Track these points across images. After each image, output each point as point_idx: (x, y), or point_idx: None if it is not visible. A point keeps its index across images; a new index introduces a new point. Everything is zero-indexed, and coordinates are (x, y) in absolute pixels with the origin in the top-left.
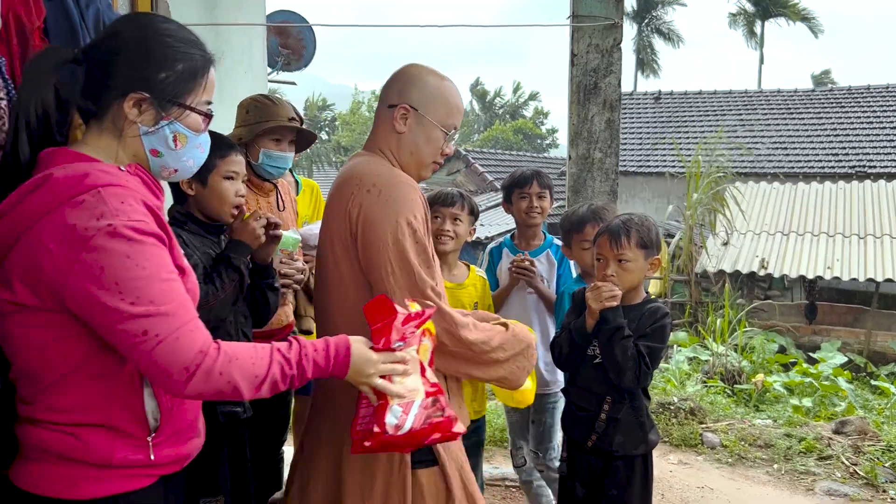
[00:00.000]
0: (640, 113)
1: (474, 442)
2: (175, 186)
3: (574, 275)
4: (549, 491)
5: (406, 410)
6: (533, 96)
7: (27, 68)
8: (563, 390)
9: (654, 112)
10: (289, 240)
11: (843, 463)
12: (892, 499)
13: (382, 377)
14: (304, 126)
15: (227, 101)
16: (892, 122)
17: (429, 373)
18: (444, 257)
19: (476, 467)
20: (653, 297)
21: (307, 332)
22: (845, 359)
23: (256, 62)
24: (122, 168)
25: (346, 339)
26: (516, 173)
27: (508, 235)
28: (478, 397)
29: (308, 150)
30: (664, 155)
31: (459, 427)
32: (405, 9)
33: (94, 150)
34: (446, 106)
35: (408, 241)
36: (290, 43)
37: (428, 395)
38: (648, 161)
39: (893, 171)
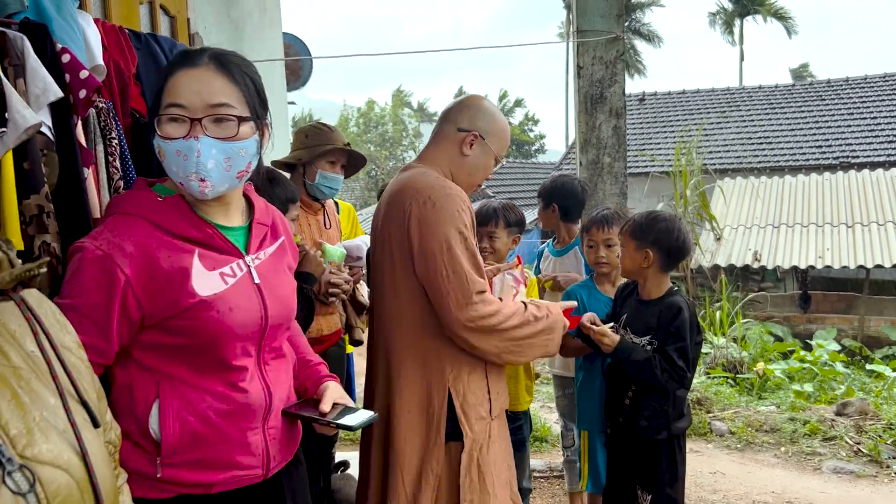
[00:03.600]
0: (627, 114)
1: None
2: None
3: None
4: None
5: None
6: (518, 103)
7: None
8: (605, 371)
9: (640, 113)
10: (335, 252)
11: (846, 442)
12: (895, 473)
13: None
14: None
15: None
16: (871, 112)
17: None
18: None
19: (523, 457)
20: (676, 288)
21: (358, 343)
22: (840, 345)
23: (277, 87)
24: (161, 197)
25: None
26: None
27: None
28: (522, 391)
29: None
30: (652, 155)
31: None
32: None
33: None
34: (504, 140)
35: (459, 248)
36: (289, 64)
37: None
38: (637, 162)
39: (876, 160)
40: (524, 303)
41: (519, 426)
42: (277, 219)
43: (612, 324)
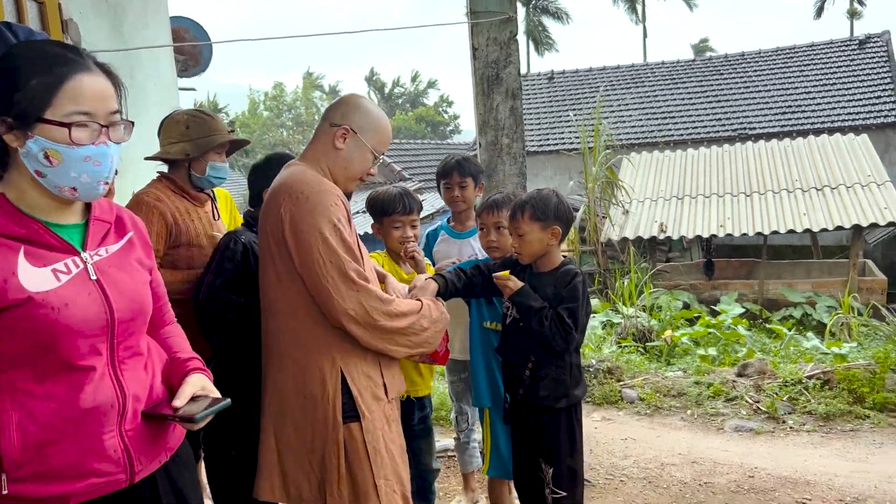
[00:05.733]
0: (536, 93)
1: (428, 424)
2: None
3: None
4: (479, 453)
5: None
6: (432, 84)
7: None
8: (496, 348)
9: (550, 91)
10: None
11: (747, 401)
12: (790, 427)
13: None
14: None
15: (142, 116)
16: (766, 85)
17: None
18: (415, 261)
19: (430, 442)
20: (569, 259)
21: None
22: (743, 309)
23: (165, 74)
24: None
25: None
26: (441, 164)
27: (445, 219)
28: (422, 377)
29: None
30: (562, 133)
31: None
32: (306, 1)
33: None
34: (381, 135)
35: (334, 239)
36: (186, 49)
37: None
38: (548, 139)
39: (771, 131)
40: (419, 299)
41: (426, 414)
42: (125, 216)
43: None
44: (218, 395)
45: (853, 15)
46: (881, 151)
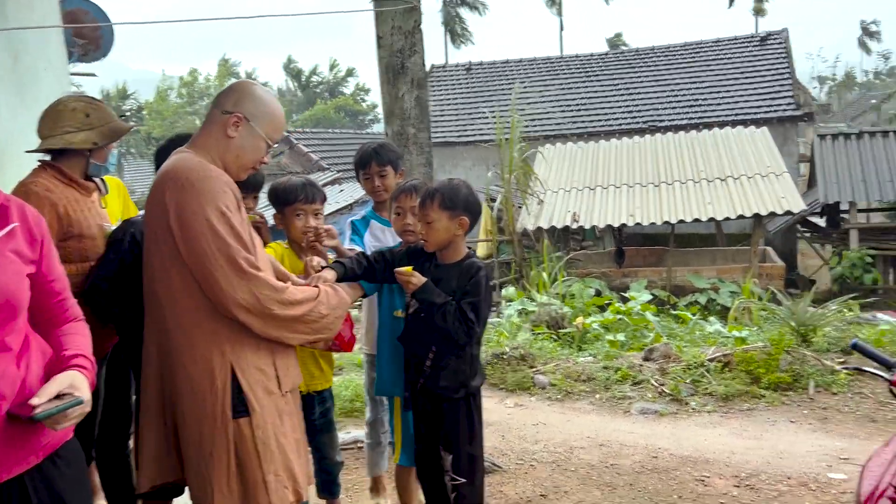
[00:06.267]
0: (454, 84)
1: (329, 417)
2: None
3: None
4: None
5: None
6: (350, 72)
7: None
8: (399, 338)
9: (468, 82)
10: None
11: (652, 385)
12: (693, 408)
13: None
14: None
15: (31, 103)
16: (674, 79)
17: None
18: (317, 252)
19: (332, 437)
20: (472, 252)
21: None
22: (651, 295)
23: (55, 58)
24: None
25: None
26: (358, 153)
27: (369, 208)
28: (321, 369)
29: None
30: (480, 124)
31: None
32: None
33: None
34: (275, 123)
35: (222, 227)
36: (86, 32)
37: None
38: (466, 130)
39: (679, 123)
40: (316, 286)
41: (327, 408)
42: (13, 206)
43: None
44: (85, 394)
45: (758, 13)
46: (780, 144)
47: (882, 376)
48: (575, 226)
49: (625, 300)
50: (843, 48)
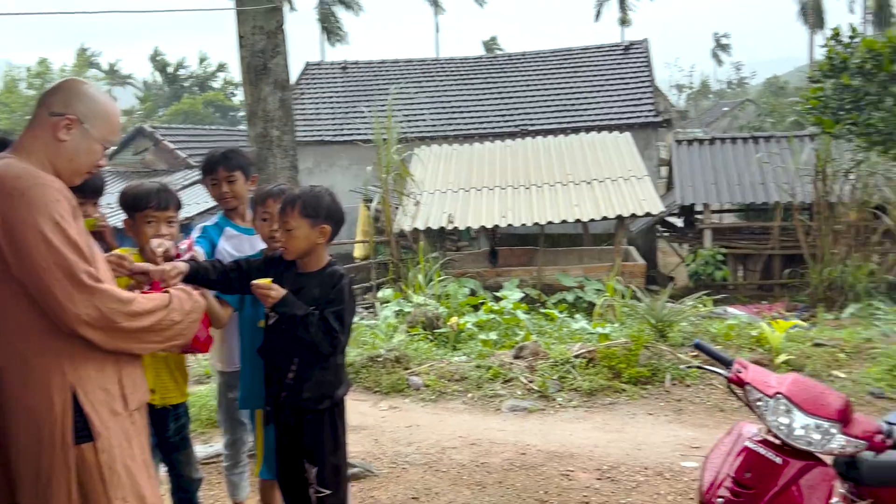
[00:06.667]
0: (330, 82)
1: (184, 434)
2: None
3: None
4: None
5: None
6: (222, 67)
7: None
8: (258, 350)
9: (343, 81)
10: None
11: (522, 382)
12: (559, 404)
13: None
14: None
15: None
16: (544, 84)
17: None
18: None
19: (189, 453)
20: (334, 259)
21: None
22: (523, 294)
23: None
24: None
25: None
26: (205, 158)
27: (220, 214)
28: (174, 382)
29: None
30: (357, 123)
31: None
32: None
33: None
34: (110, 124)
35: (57, 238)
36: None
37: None
38: (343, 129)
39: (549, 127)
40: (167, 291)
41: (182, 424)
42: None
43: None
44: None
45: (623, 23)
46: (641, 149)
47: (721, 374)
48: (450, 227)
49: (498, 299)
50: (699, 58)
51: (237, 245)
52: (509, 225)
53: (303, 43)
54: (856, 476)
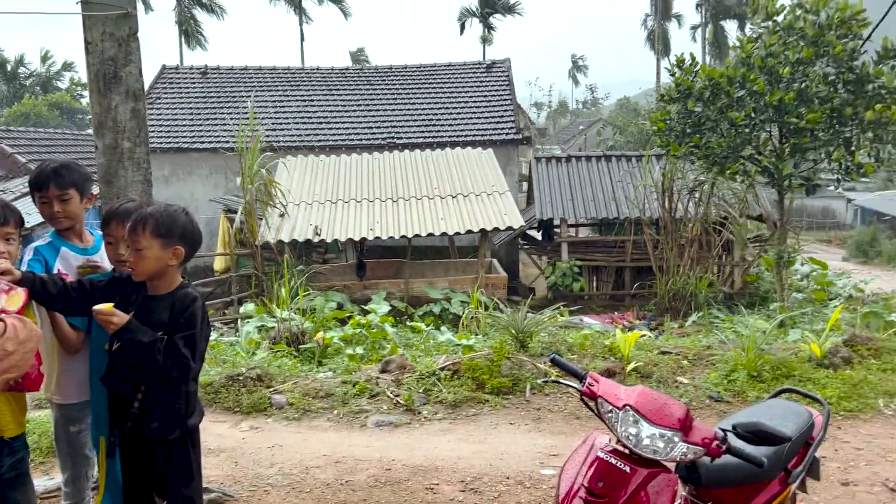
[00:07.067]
0: (189, 87)
1: (20, 469)
2: None
3: None
4: None
5: None
6: (68, 66)
7: None
8: (101, 378)
9: (203, 87)
10: None
11: (388, 396)
12: (425, 417)
13: None
14: None
15: None
16: (412, 98)
17: None
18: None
19: (27, 490)
20: (186, 281)
21: None
22: (390, 307)
23: None
24: None
25: None
26: (34, 173)
27: (52, 232)
28: (10, 413)
29: None
30: (218, 130)
31: None
32: None
33: None
34: None
35: None
36: None
37: None
38: (203, 137)
39: (416, 141)
40: (2, 320)
41: (19, 459)
42: None
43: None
44: None
45: (485, 41)
46: (503, 165)
47: (574, 387)
48: (317, 239)
49: (365, 312)
50: (558, 78)
51: (73, 267)
52: (377, 237)
53: (160, 44)
54: (696, 479)
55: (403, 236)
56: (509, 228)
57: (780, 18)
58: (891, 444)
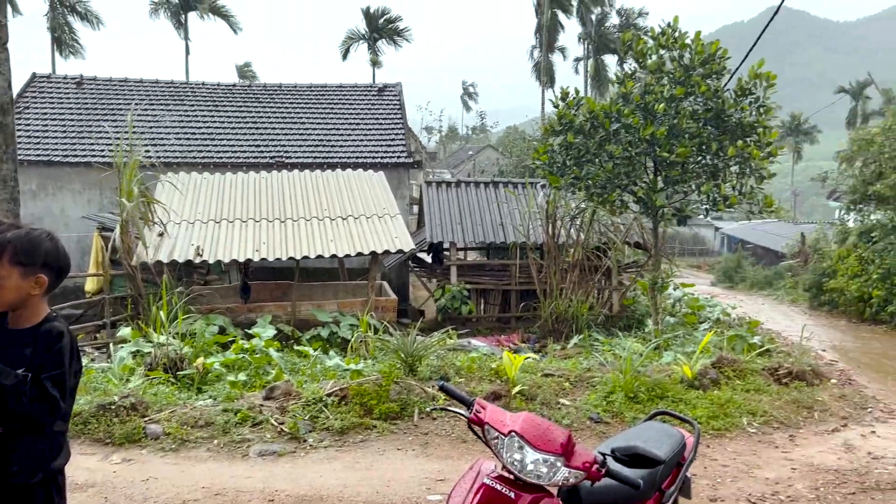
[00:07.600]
0: (62, 98)
1: None
2: None
3: None
4: None
5: None
6: None
7: None
8: None
9: (78, 98)
10: None
11: (272, 424)
12: (311, 445)
13: None
14: None
15: None
16: (301, 118)
17: None
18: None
19: None
20: (54, 314)
21: None
22: (276, 330)
23: None
24: None
25: None
26: None
27: None
28: None
29: None
30: (93, 144)
31: None
32: None
33: None
34: None
35: None
36: None
37: None
38: (76, 150)
39: (306, 161)
40: None
41: None
42: None
43: None
44: None
45: (374, 64)
46: (394, 187)
47: (462, 414)
48: (199, 260)
49: (249, 336)
50: (448, 104)
51: None
52: (263, 259)
53: (30, 51)
54: (577, 502)
55: (291, 258)
56: (399, 251)
57: (648, 61)
58: (754, 460)
